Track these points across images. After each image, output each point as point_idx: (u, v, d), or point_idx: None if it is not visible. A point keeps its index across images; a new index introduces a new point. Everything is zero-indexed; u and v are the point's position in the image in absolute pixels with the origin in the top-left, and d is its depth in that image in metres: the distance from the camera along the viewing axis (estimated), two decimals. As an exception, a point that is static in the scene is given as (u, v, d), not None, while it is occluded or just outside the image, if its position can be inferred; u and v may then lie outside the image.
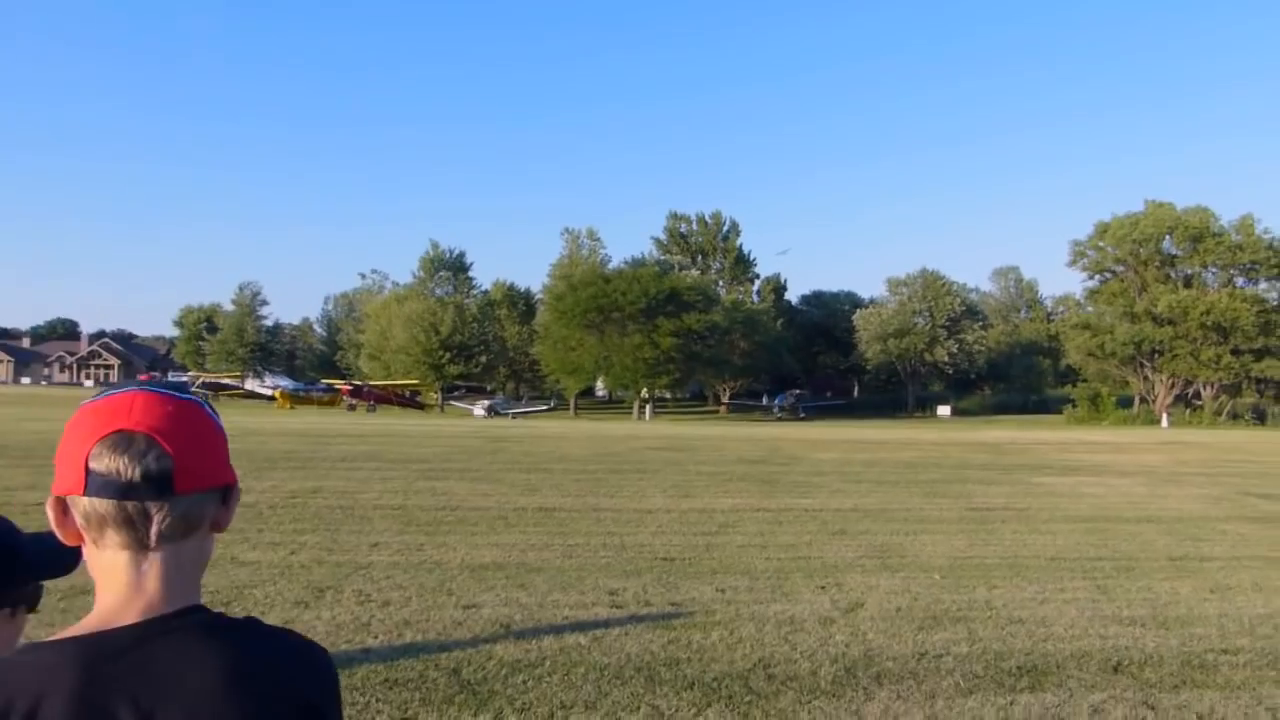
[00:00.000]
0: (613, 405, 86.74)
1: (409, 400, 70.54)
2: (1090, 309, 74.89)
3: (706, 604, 7.23)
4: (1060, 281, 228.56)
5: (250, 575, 7.65)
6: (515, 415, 65.33)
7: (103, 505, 1.01)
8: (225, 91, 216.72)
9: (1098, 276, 73.59)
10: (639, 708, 4.86)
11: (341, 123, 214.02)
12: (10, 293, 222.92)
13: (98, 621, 1.01)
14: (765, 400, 78.64)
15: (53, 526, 1.05)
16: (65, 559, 1.35)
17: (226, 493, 1.11)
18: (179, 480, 1.02)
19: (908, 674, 5.58)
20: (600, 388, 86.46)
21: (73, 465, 1.02)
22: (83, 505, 1.02)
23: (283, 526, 10.18)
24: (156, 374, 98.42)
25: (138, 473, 1.00)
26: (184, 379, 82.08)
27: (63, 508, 1.04)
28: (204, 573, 1.13)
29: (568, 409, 77.44)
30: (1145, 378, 69.56)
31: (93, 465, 1.01)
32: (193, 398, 1.10)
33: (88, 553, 1.06)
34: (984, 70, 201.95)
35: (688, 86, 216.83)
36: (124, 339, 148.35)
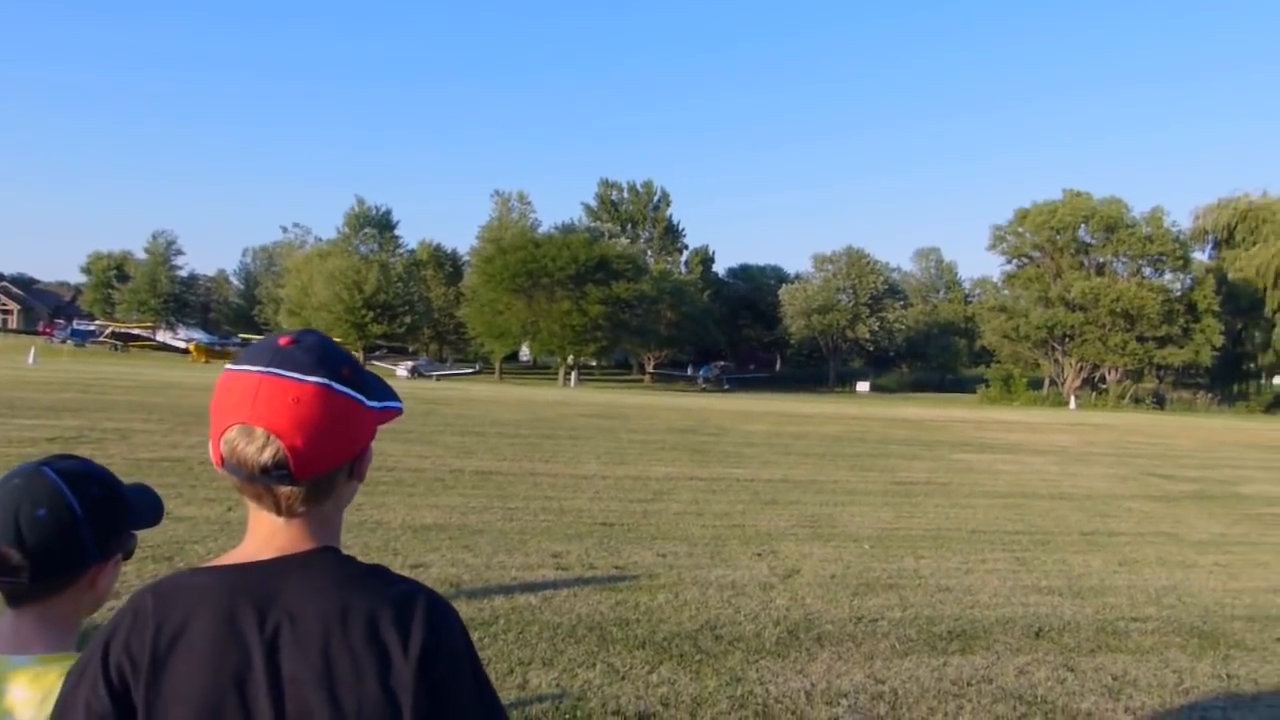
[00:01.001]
0: (537, 371, 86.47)
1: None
2: (1007, 292, 77.16)
3: (649, 568, 7.41)
4: (979, 264, 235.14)
5: (188, 531, 7.56)
6: (439, 377, 64.66)
7: (235, 479, 1.13)
8: (144, 37, 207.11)
9: (1015, 261, 75.79)
10: (594, 665, 5.01)
11: (265, 73, 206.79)
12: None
13: (244, 554, 1.14)
14: (690, 371, 79.33)
15: (215, 465, 1.16)
16: (156, 511, 1.43)
17: (356, 458, 1.19)
18: (298, 471, 1.11)
19: (846, 636, 5.84)
20: (525, 353, 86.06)
21: (213, 438, 1.14)
22: (223, 472, 1.14)
23: (216, 483, 10.00)
24: (61, 321, 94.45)
25: (258, 466, 1.10)
26: (92, 327, 79.13)
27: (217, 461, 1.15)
28: (344, 512, 1.23)
29: (493, 373, 76.92)
30: (1056, 361, 72.21)
31: (223, 448, 1.12)
32: (321, 380, 1.11)
33: (241, 496, 1.16)
34: (913, 55, 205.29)
35: (624, 54, 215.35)
36: (25, 283, 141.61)
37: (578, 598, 6.33)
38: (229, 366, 1.16)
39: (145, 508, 1.45)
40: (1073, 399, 64.95)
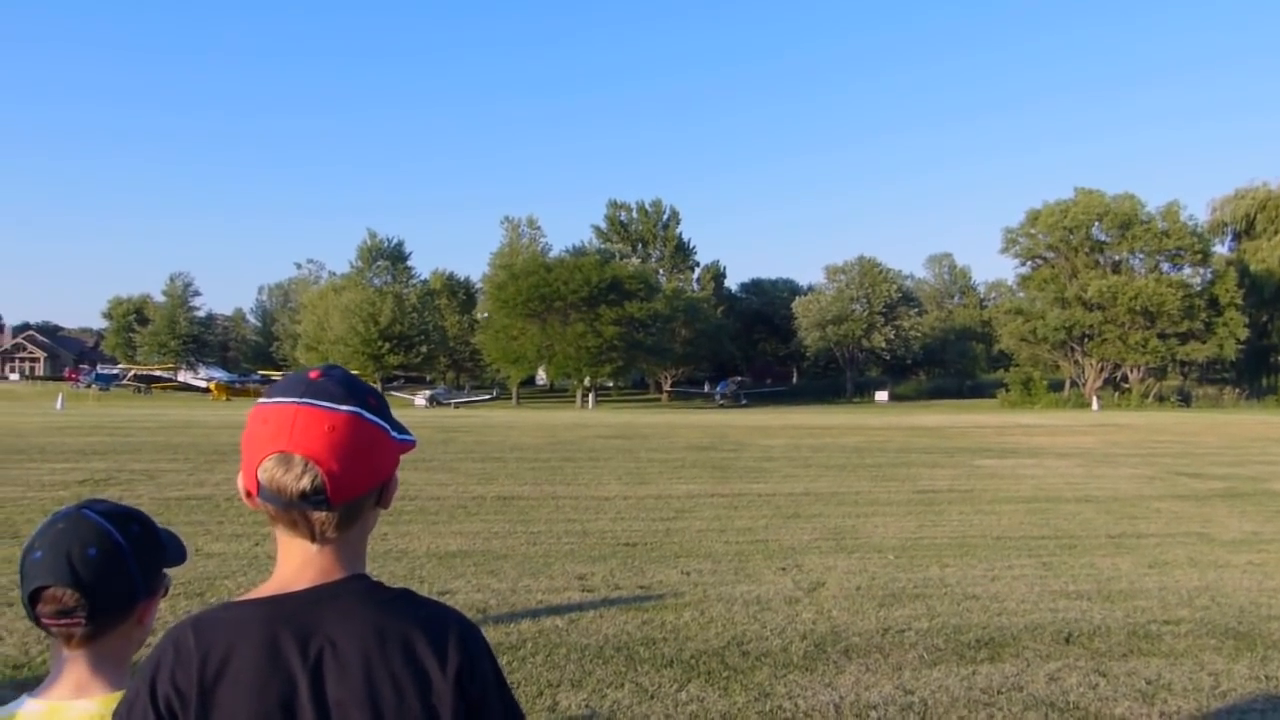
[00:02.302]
0: (555, 394, 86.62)
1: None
2: (1022, 295, 76.86)
3: (674, 586, 7.42)
4: (992, 268, 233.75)
5: (218, 567, 7.63)
6: (458, 405, 64.93)
7: (271, 507, 1.18)
8: (151, 80, 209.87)
9: (1029, 263, 75.50)
10: (623, 685, 5.02)
11: (273, 111, 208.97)
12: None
13: (276, 586, 1.20)
14: (707, 388, 79.26)
15: (243, 499, 1.22)
16: (182, 549, 1.50)
17: (384, 484, 1.26)
18: (334, 496, 1.17)
19: (874, 648, 5.83)
20: (542, 377, 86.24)
21: (249, 469, 1.19)
22: (258, 501, 1.19)
23: (242, 518, 10.10)
24: (85, 366, 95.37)
25: (295, 492, 1.16)
26: (115, 371, 79.94)
27: (247, 491, 1.21)
28: (368, 540, 1.30)
29: (510, 398, 77.11)
30: (1076, 362, 71.75)
31: (261, 477, 1.17)
32: (352, 409, 1.19)
33: (273, 528, 1.22)
34: (914, 61, 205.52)
35: (625, 74, 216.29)
36: (50, 331, 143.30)
37: (604, 618, 6.35)
38: (262, 400, 1.22)
39: (175, 546, 1.50)
40: (1095, 400, 64.36)
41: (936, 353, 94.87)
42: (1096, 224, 69.46)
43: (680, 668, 5.34)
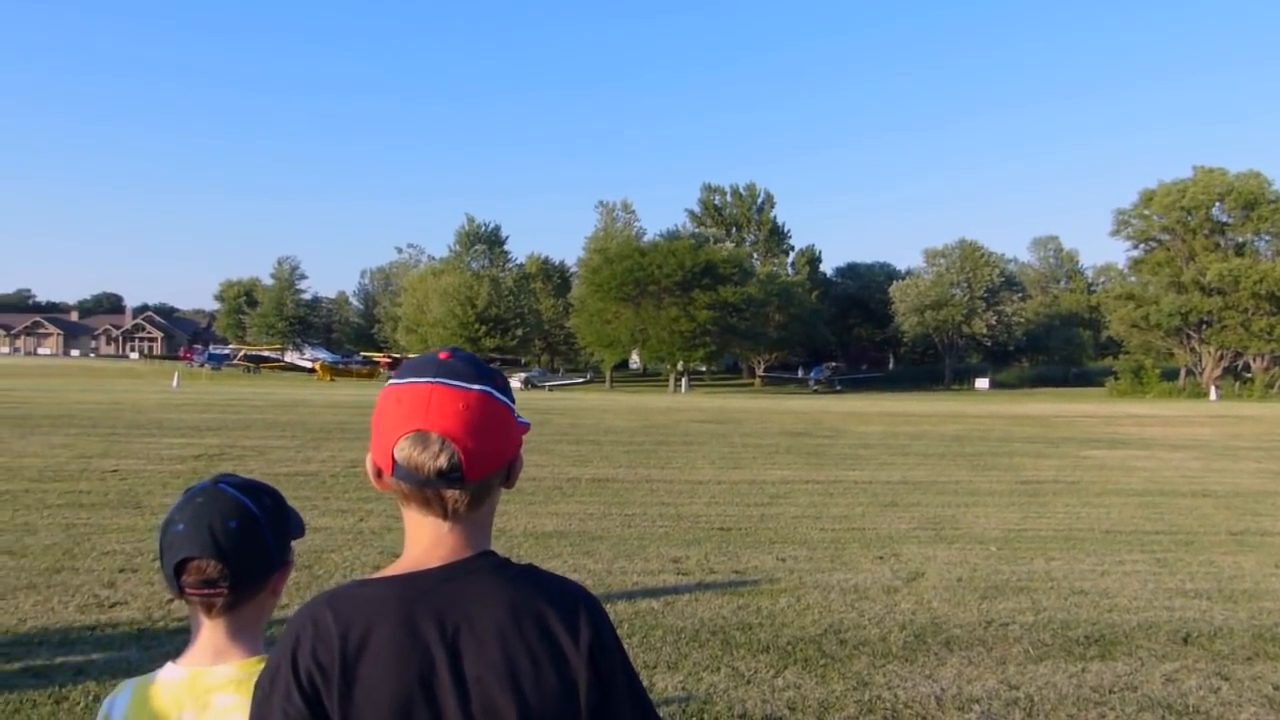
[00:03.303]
0: (648, 378, 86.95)
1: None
2: (1134, 279, 73.62)
3: (769, 572, 7.37)
4: (1102, 251, 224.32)
5: (325, 540, 7.89)
6: (552, 388, 65.74)
7: (405, 485, 1.19)
8: (263, 66, 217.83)
9: (1142, 246, 72.17)
10: (719, 669, 5.01)
11: (376, 96, 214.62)
12: (59, 267, 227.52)
13: (409, 564, 1.21)
14: (801, 373, 78.44)
15: (371, 480, 1.24)
16: (301, 522, 1.54)
17: (511, 463, 1.27)
18: (468, 473, 1.18)
19: (976, 641, 5.68)
20: (635, 361, 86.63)
21: (383, 448, 1.20)
22: (391, 480, 1.20)
23: (347, 494, 10.45)
24: (198, 346, 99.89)
25: (433, 470, 1.17)
26: (226, 351, 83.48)
27: (378, 471, 1.22)
28: (494, 518, 1.30)
29: (603, 382, 77.70)
30: (1192, 349, 68.39)
31: (397, 455, 1.18)
32: (483, 388, 1.21)
33: (402, 508, 1.23)
34: (1023, 36, 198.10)
35: (720, 56, 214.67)
36: (166, 312, 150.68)
37: (699, 602, 6.35)
38: (393, 381, 1.24)
39: (296, 519, 1.55)
40: (1213, 390, 61.23)
41: (1040, 339, 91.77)
42: (1217, 204, 65.88)
43: (776, 654, 5.30)
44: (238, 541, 1.40)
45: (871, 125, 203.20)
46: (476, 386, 1.20)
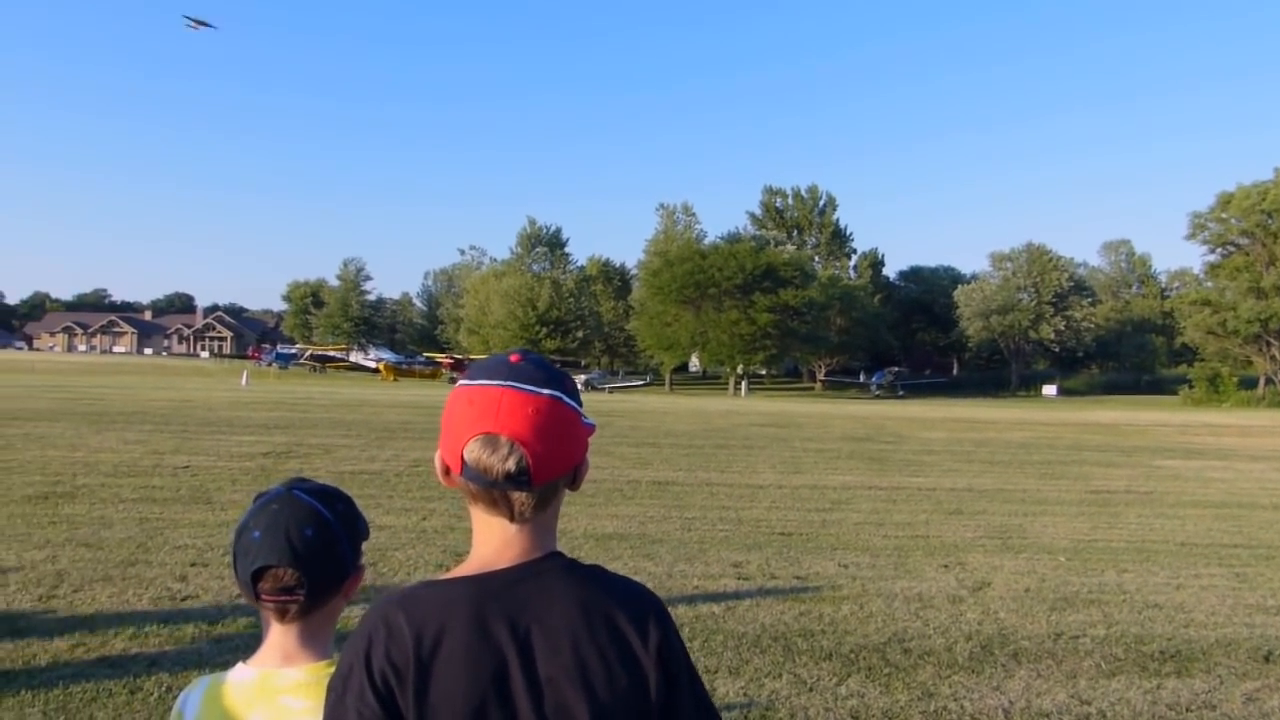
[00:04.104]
0: (707, 381, 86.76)
1: (508, 375, 71.49)
2: (1210, 284, 71.40)
3: (831, 578, 7.28)
4: (1176, 256, 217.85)
5: (389, 539, 8.01)
6: (612, 390, 65.97)
7: (474, 486, 1.20)
8: (333, 72, 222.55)
9: (1219, 250, 69.93)
10: (781, 675, 4.96)
11: (441, 101, 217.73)
12: (133, 268, 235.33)
13: (479, 565, 1.22)
14: (862, 377, 77.55)
15: (439, 477, 1.25)
16: (367, 527, 1.56)
17: (578, 466, 1.27)
18: (536, 476, 1.19)
19: (1045, 653, 5.54)
20: (695, 364, 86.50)
21: (452, 448, 1.20)
22: (460, 480, 1.21)
23: (411, 494, 10.60)
24: (266, 345, 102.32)
25: (501, 472, 1.18)
26: (293, 350, 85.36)
27: (445, 469, 1.23)
28: (558, 519, 1.31)
29: (663, 385, 77.74)
30: (1272, 357, 66.00)
31: (466, 456, 1.19)
32: (553, 393, 1.21)
33: (470, 508, 1.24)
34: (1094, 36, 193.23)
35: (783, 57, 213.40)
36: (236, 313, 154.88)
37: (760, 607, 6.30)
38: (463, 382, 1.24)
39: (363, 522, 1.57)
40: (1293, 399, 59.08)
41: (1111, 345, 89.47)
42: (1300, 207, 63.51)
43: (839, 661, 5.23)
44: (314, 549, 1.41)
45: (936, 126, 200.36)
46: (546, 391, 1.20)
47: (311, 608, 1.45)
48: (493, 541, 1.23)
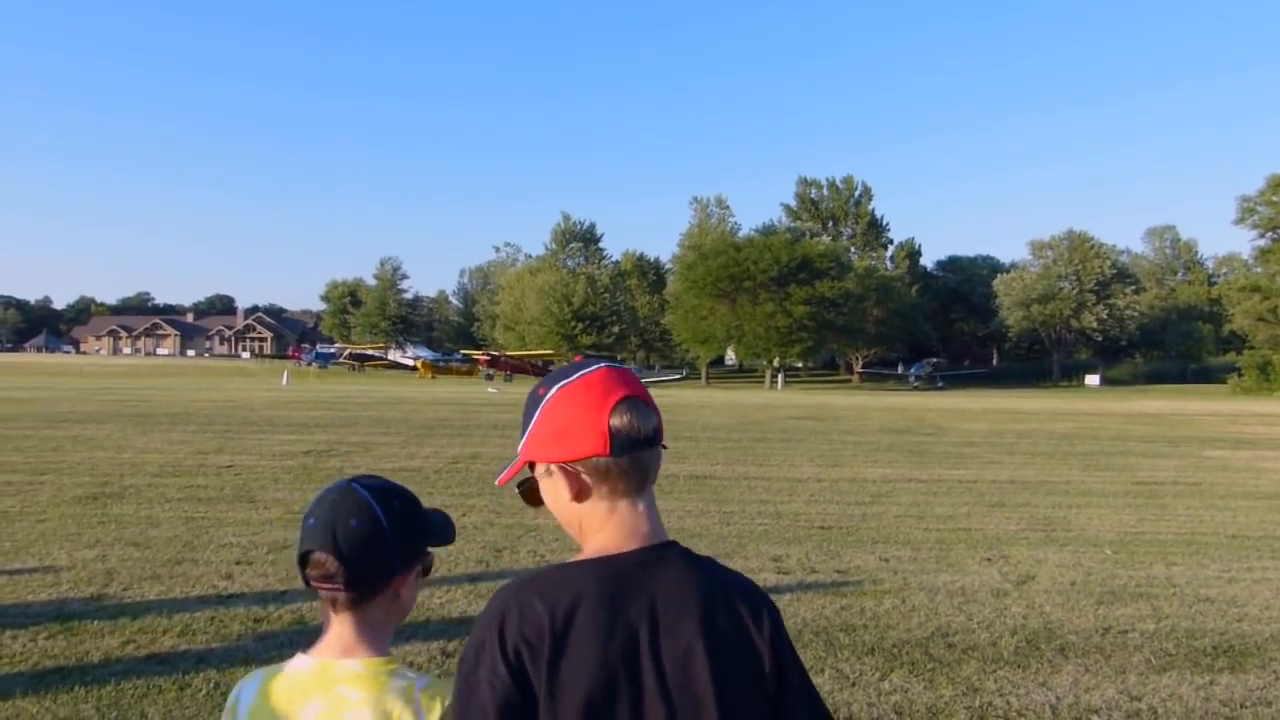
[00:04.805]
0: (744, 374, 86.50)
1: (544, 370, 71.83)
2: (1260, 270, 69.65)
3: (872, 572, 7.21)
4: (1224, 241, 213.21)
5: (429, 535, 8.06)
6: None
7: (622, 459, 1.25)
8: (368, 74, 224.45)
9: (1270, 235, 68.20)
10: (823, 670, 4.92)
11: (474, 101, 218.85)
12: (175, 271, 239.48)
13: (601, 550, 1.27)
14: (900, 369, 76.81)
15: (555, 502, 1.32)
16: (450, 532, 1.56)
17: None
18: (660, 435, 1.29)
19: (1093, 648, 5.44)
20: (730, 357, 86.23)
21: (591, 431, 1.25)
22: (603, 463, 1.25)
23: (450, 490, 10.68)
24: (306, 345, 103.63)
25: (647, 429, 1.27)
26: (332, 350, 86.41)
27: (578, 486, 1.27)
28: None
29: (699, 378, 77.61)
30: (1324, 344, 64.40)
31: (615, 423, 1.24)
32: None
33: (587, 502, 1.28)
34: (1139, 22, 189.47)
35: (816, 49, 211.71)
36: (275, 313, 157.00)
37: (801, 602, 6.26)
38: (561, 384, 1.29)
39: (443, 529, 1.57)
40: (1348, 386, 57.57)
41: (1155, 334, 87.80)
42: (1354, 189, 61.84)
43: (882, 656, 5.18)
44: (356, 541, 1.43)
45: (972, 114, 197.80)
46: (625, 367, 1.32)
47: (359, 600, 1.46)
48: (615, 529, 1.28)
